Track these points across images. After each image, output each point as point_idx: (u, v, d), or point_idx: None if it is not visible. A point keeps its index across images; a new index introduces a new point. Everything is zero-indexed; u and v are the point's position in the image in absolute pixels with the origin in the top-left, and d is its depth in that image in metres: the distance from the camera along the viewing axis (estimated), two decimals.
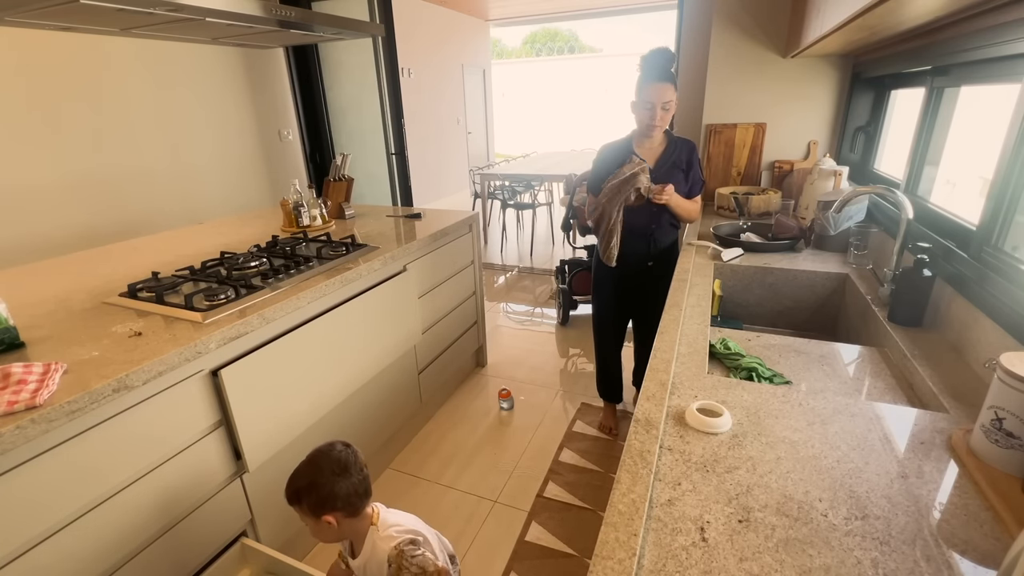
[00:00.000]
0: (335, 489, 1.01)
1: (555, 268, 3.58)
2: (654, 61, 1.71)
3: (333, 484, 1.01)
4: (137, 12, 1.44)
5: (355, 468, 1.05)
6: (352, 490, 1.03)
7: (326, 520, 1.02)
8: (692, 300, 1.45)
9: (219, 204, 3.56)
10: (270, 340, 1.43)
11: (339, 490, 1.02)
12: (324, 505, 1.01)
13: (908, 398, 1.06)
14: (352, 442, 1.11)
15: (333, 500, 1.01)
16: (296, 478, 1.04)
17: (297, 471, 1.05)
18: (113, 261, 1.89)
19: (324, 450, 1.06)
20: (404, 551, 1.03)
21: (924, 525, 0.68)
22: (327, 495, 1.01)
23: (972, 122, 1.54)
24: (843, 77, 2.34)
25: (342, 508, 1.03)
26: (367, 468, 1.09)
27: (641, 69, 1.73)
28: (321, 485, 1.01)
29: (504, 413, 2.44)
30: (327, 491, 1.01)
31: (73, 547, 1.04)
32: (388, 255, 1.88)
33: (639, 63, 1.74)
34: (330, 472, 1.02)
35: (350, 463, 1.05)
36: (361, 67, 3.84)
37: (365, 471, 1.08)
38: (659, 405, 0.95)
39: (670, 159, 1.84)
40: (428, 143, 6.88)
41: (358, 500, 1.05)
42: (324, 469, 1.03)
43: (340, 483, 1.02)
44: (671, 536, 0.68)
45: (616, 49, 13.74)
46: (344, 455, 1.06)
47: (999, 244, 1.12)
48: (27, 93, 2.53)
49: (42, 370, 1.04)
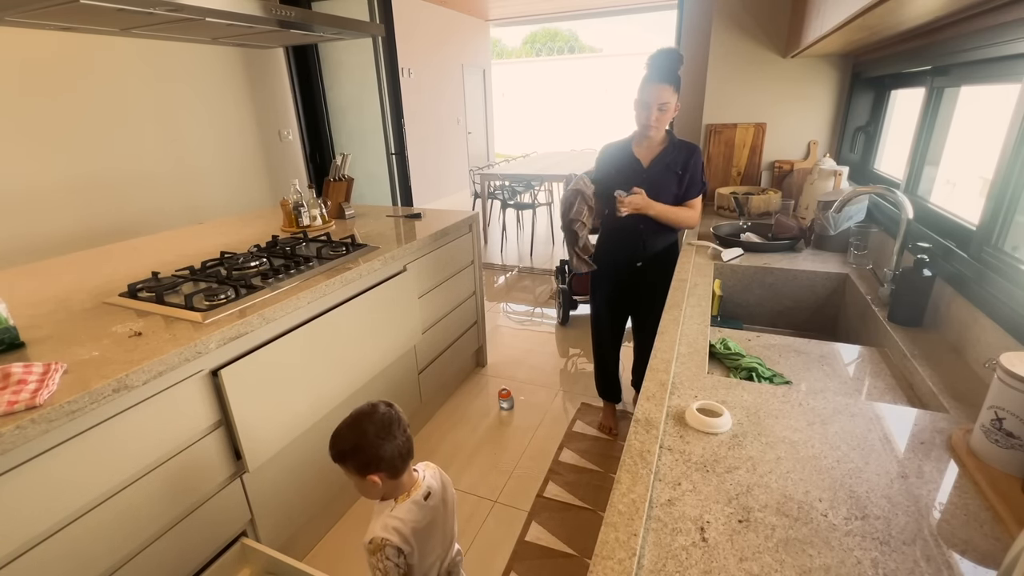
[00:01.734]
0: (380, 452, 1.01)
1: (555, 268, 3.58)
2: (658, 61, 1.70)
3: (378, 447, 1.01)
4: (137, 12, 1.44)
5: (399, 429, 1.04)
6: (396, 452, 1.03)
7: (372, 479, 1.02)
8: (692, 300, 1.45)
9: (219, 204, 3.56)
10: (270, 340, 1.43)
11: (384, 452, 1.01)
12: (369, 466, 1.02)
13: (908, 398, 1.06)
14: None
15: (378, 462, 1.01)
16: (339, 440, 1.03)
17: (340, 433, 1.04)
18: (113, 261, 1.89)
19: (367, 411, 1.05)
20: (385, 550, 1.02)
21: (924, 525, 0.68)
22: (372, 457, 1.01)
23: (972, 122, 1.54)
24: (843, 77, 2.34)
25: (387, 469, 1.03)
26: (409, 428, 1.08)
27: (647, 67, 1.72)
28: (365, 448, 1.01)
29: (504, 413, 2.44)
30: (372, 453, 1.01)
31: (73, 547, 1.04)
32: (388, 255, 1.88)
33: (647, 61, 1.73)
34: (374, 435, 1.01)
35: (394, 424, 1.04)
36: (361, 67, 3.84)
37: (408, 431, 1.07)
38: (659, 405, 0.95)
39: (663, 161, 1.82)
40: (428, 143, 6.88)
41: (401, 462, 1.05)
42: (368, 432, 1.02)
43: (385, 446, 1.01)
44: (671, 536, 0.68)
45: (616, 49, 13.74)
46: (388, 416, 1.05)
47: (999, 244, 1.12)
48: (27, 93, 2.53)
49: (42, 370, 1.04)
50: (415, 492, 1.09)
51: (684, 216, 1.86)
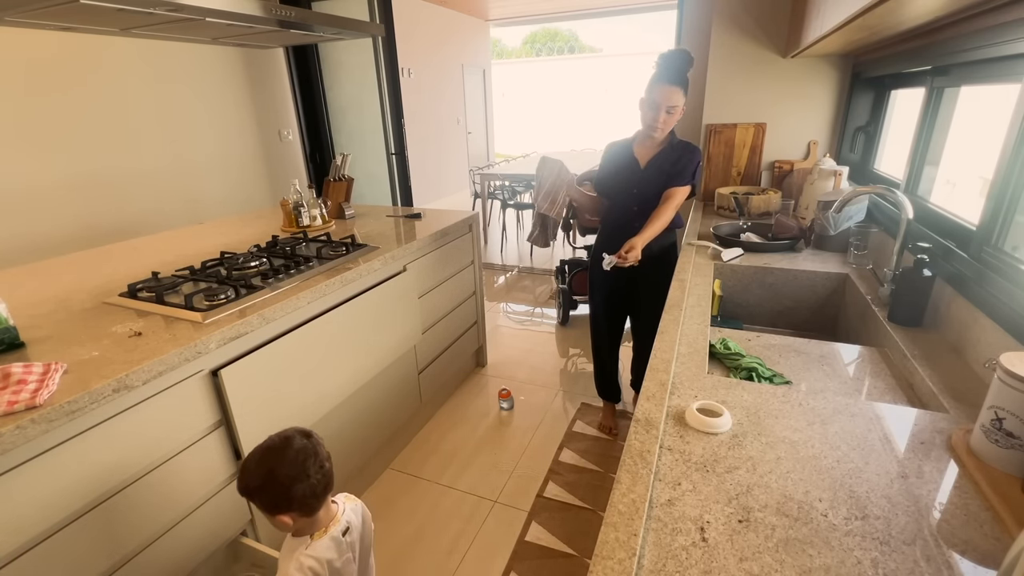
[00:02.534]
0: (290, 492, 0.92)
1: (555, 268, 3.58)
2: (669, 62, 1.66)
3: (288, 487, 0.92)
4: (137, 12, 1.44)
5: (315, 465, 0.95)
6: (309, 491, 0.94)
7: (281, 519, 0.95)
8: (692, 300, 1.45)
9: (219, 204, 3.56)
10: (270, 340, 1.43)
11: (295, 493, 0.92)
12: (278, 507, 0.94)
13: (908, 398, 1.06)
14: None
15: (288, 503, 0.93)
16: (246, 475, 0.94)
17: (247, 467, 0.94)
18: (113, 261, 1.89)
19: (278, 447, 0.95)
20: None
21: (924, 525, 0.68)
22: (280, 498, 0.93)
23: (972, 122, 1.54)
24: (843, 77, 2.34)
25: (298, 509, 0.95)
26: (329, 460, 0.99)
27: (656, 67, 1.69)
28: (273, 489, 0.92)
29: (504, 413, 2.44)
30: (281, 494, 0.92)
31: (73, 547, 1.04)
32: (388, 255, 1.88)
33: (656, 60, 1.70)
34: (285, 475, 0.92)
35: (309, 460, 0.94)
36: (361, 67, 3.84)
37: (326, 466, 0.97)
38: (659, 405, 0.95)
39: (660, 162, 1.80)
40: (428, 143, 6.88)
41: (316, 500, 0.96)
42: (277, 472, 0.92)
43: (296, 486, 0.92)
44: (671, 536, 0.68)
45: (616, 49, 13.73)
46: (302, 451, 0.95)
47: (999, 244, 1.12)
48: (27, 93, 2.53)
49: (42, 370, 1.04)
50: (333, 527, 1.01)
51: (664, 218, 1.77)
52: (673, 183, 1.78)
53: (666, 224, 1.79)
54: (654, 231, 1.76)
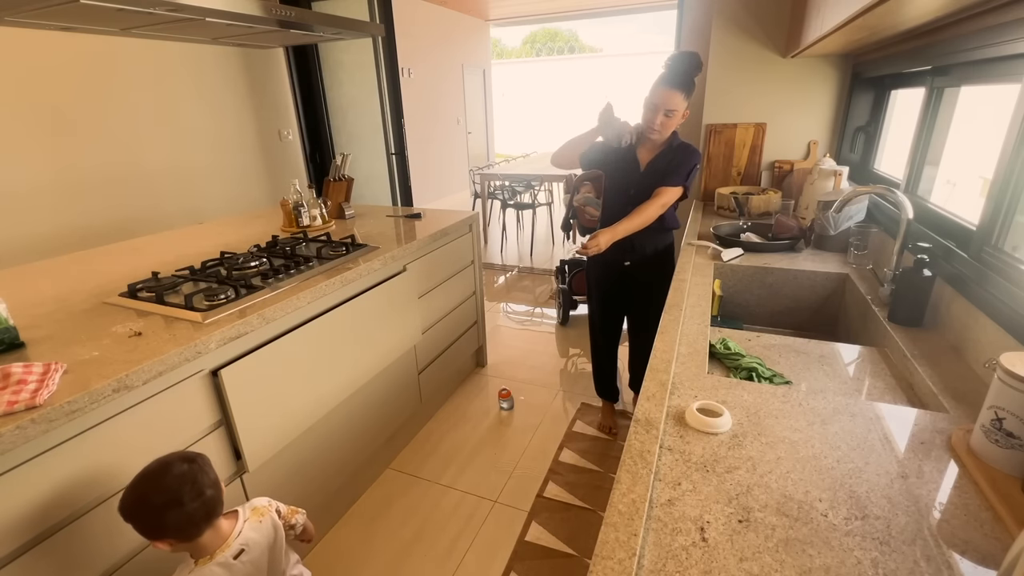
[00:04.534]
0: (163, 521, 0.90)
1: (555, 268, 3.58)
2: (674, 64, 1.66)
3: (161, 516, 0.90)
4: (137, 12, 1.44)
5: (192, 493, 0.92)
6: (186, 519, 0.91)
7: (158, 546, 0.93)
8: (692, 300, 1.45)
9: (219, 204, 3.56)
10: (270, 340, 1.43)
11: (168, 521, 0.90)
12: (153, 533, 0.92)
13: (908, 398, 1.06)
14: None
15: (162, 531, 0.91)
16: (122, 500, 0.91)
17: (125, 491, 0.92)
18: (113, 261, 1.89)
19: (156, 473, 0.93)
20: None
21: (924, 525, 0.68)
22: (153, 527, 0.91)
23: (972, 122, 1.54)
24: (843, 77, 2.34)
25: (174, 536, 0.93)
26: (214, 486, 0.96)
27: (664, 67, 1.68)
28: (146, 517, 0.91)
29: (504, 413, 2.44)
30: (154, 523, 0.91)
31: (73, 547, 1.04)
32: (388, 255, 1.88)
33: (665, 60, 1.68)
34: (159, 503, 0.90)
35: (184, 488, 0.91)
36: (361, 67, 3.84)
37: (207, 492, 0.94)
38: (659, 405, 0.95)
39: (658, 164, 1.79)
40: (428, 143, 6.88)
41: (194, 528, 0.93)
42: (151, 500, 0.90)
43: (169, 515, 0.90)
44: (671, 536, 0.68)
45: (616, 49, 13.73)
46: (181, 478, 0.92)
47: (999, 244, 1.12)
48: (27, 93, 2.53)
49: (42, 370, 1.04)
50: (221, 554, 0.97)
51: (645, 214, 1.72)
52: (665, 182, 1.74)
53: (647, 222, 1.74)
54: (630, 227, 1.71)
